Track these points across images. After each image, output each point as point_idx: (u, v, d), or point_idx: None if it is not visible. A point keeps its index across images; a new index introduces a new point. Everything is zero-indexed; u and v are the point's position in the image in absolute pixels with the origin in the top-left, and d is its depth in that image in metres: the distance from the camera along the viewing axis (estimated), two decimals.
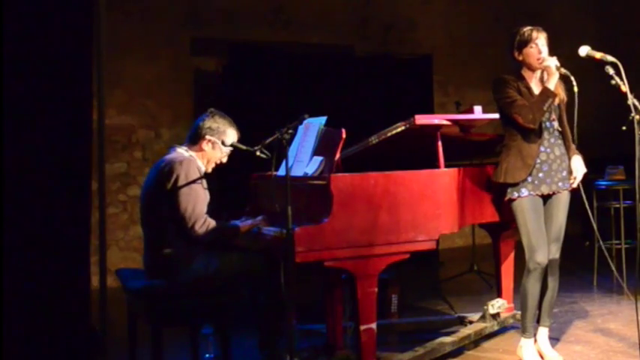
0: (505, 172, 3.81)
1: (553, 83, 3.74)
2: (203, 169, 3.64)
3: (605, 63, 3.61)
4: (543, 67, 3.79)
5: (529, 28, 3.84)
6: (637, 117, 3.56)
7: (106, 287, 2.86)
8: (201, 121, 3.69)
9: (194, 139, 3.69)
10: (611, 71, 3.60)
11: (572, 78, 3.68)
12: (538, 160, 3.80)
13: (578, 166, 3.89)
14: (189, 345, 3.85)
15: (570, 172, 3.87)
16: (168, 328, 3.50)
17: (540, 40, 3.81)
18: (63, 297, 3.26)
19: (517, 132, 3.79)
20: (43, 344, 3.18)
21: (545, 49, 3.81)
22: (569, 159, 3.88)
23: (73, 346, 3.25)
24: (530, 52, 3.80)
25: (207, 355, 3.83)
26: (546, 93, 3.73)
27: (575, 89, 3.64)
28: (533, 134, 3.78)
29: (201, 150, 3.68)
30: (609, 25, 9.13)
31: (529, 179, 3.79)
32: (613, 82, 3.59)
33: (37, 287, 3.20)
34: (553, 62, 3.75)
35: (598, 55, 3.65)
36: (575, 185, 3.89)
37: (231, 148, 3.72)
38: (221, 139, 3.67)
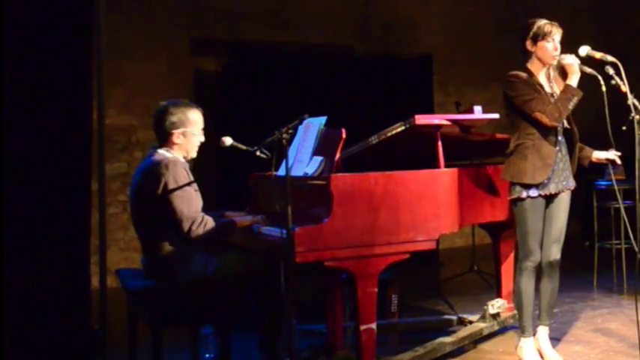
0: (524, 171, 3.74)
1: (576, 81, 3.71)
2: (188, 166, 3.61)
3: (605, 63, 3.61)
4: (564, 64, 3.74)
5: (547, 21, 3.79)
6: (637, 117, 3.56)
7: (106, 287, 2.85)
8: (160, 121, 3.61)
9: (163, 138, 3.62)
10: (611, 71, 3.60)
11: (600, 77, 3.63)
12: None
13: (603, 153, 3.95)
14: (189, 345, 3.85)
15: (574, 168, 3.88)
16: (168, 328, 3.49)
17: (557, 37, 3.77)
18: (63, 297, 3.26)
19: (535, 130, 3.74)
20: (43, 344, 3.18)
21: (559, 47, 3.77)
22: (574, 157, 3.87)
23: (73, 346, 3.25)
24: (546, 46, 3.75)
25: (207, 355, 3.83)
26: (571, 91, 3.69)
27: (603, 89, 3.60)
28: (551, 133, 3.76)
29: (175, 144, 3.62)
30: (609, 25, 9.14)
31: None
32: (613, 82, 3.59)
33: (37, 287, 3.20)
34: (575, 61, 3.71)
35: (598, 55, 3.65)
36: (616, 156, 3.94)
37: (202, 125, 3.68)
38: (188, 126, 3.61)
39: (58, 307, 3.22)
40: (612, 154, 3.98)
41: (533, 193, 3.78)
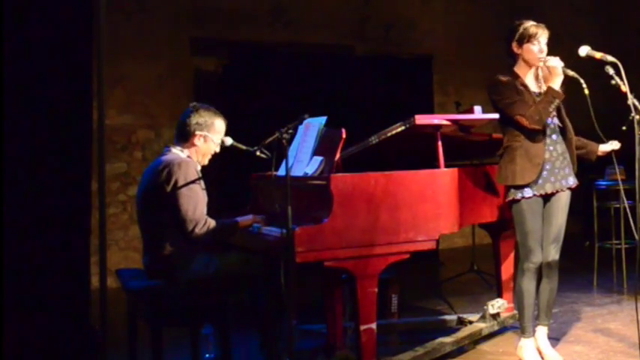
0: (514, 174, 3.75)
1: (558, 84, 3.71)
2: (199, 168, 3.63)
3: (605, 63, 3.61)
4: (547, 67, 3.75)
5: (533, 23, 3.79)
6: (637, 117, 3.56)
7: (106, 287, 2.85)
8: (186, 117, 3.66)
9: (184, 137, 3.66)
10: (611, 71, 3.59)
11: (582, 80, 3.64)
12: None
13: (607, 145, 3.99)
14: (189, 345, 3.85)
15: (573, 168, 3.88)
16: (169, 328, 3.49)
17: (543, 38, 3.77)
18: (63, 297, 3.26)
19: (520, 132, 3.75)
20: (43, 344, 3.18)
21: (545, 48, 3.79)
22: (572, 154, 3.87)
23: (73, 346, 3.25)
24: (531, 48, 3.76)
25: (207, 355, 3.83)
26: (552, 94, 3.69)
27: (586, 92, 3.61)
28: (540, 133, 3.75)
29: (194, 146, 3.66)
30: (609, 25, 9.13)
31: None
32: (613, 82, 3.58)
33: (37, 287, 3.20)
34: (559, 63, 3.70)
35: (598, 55, 3.64)
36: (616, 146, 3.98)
37: (221, 137, 3.71)
38: (211, 132, 3.67)
39: (58, 307, 3.22)
40: (615, 144, 4.00)
41: (528, 193, 3.78)
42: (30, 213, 3.22)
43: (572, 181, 3.88)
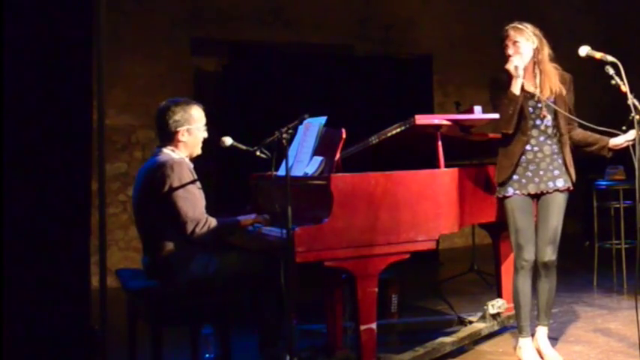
0: (497, 171, 3.87)
1: (516, 86, 3.71)
2: (192, 166, 3.62)
3: (605, 63, 3.61)
4: (506, 69, 3.76)
5: (510, 25, 3.82)
6: (637, 117, 3.56)
7: (106, 287, 2.85)
8: (162, 120, 3.62)
9: (168, 137, 3.63)
10: (611, 71, 3.59)
11: (524, 80, 3.70)
12: (524, 159, 3.80)
13: (620, 138, 3.84)
14: (189, 345, 3.85)
15: (565, 171, 3.86)
16: (169, 328, 3.49)
17: (510, 40, 3.78)
18: (63, 297, 3.26)
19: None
20: (43, 344, 3.18)
21: (516, 48, 3.76)
22: (565, 157, 3.85)
23: (73, 346, 3.25)
24: (505, 52, 3.80)
25: (207, 355, 3.83)
26: (509, 97, 3.71)
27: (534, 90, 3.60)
28: (518, 133, 3.79)
29: (180, 142, 3.64)
30: (609, 25, 9.14)
31: (514, 177, 3.80)
32: (613, 82, 3.58)
33: (37, 287, 3.21)
34: (512, 64, 3.71)
35: (598, 55, 3.64)
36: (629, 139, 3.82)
37: (204, 121, 3.69)
38: (192, 123, 3.63)
39: (58, 307, 3.22)
40: (631, 135, 3.84)
41: (509, 192, 3.82)
42: (30, 212, 3.22)
43: (562, 184, 3.84)
